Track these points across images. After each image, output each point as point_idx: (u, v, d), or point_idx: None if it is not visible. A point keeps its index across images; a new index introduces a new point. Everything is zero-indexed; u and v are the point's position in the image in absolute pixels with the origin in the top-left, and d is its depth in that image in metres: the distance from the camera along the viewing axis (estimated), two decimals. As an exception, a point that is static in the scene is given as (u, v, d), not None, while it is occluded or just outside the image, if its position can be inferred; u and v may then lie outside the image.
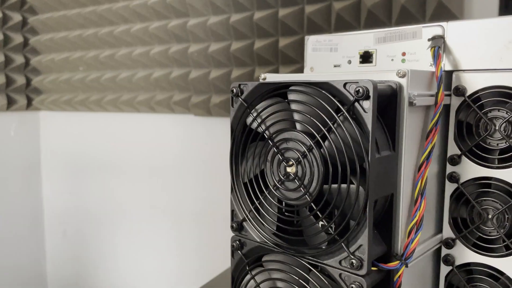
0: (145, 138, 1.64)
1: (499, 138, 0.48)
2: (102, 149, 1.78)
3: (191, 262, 1.62)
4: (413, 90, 0.44)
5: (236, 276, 0.54)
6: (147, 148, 1.64)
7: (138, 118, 1.62)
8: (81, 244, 1.93)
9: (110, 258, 1.85)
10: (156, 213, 1.67)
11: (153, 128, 1.60)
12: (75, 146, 1.86)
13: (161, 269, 1.71)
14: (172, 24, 1.36)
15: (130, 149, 1.69)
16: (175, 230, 1.64)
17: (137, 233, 1.75)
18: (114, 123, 1.70)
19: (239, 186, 0.52)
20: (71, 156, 1.88)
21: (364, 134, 0.40)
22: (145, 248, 1.74)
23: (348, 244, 0.42)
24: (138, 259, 1.77)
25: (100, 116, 1.73)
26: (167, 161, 1.59)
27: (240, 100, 0.50)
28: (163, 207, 1.64)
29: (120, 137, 1.71)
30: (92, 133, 1.79)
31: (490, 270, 0.50)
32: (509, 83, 0.47)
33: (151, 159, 1.63)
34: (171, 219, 1.63)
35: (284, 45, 1.14)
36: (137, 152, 1.67)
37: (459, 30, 0.49)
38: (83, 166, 1.85)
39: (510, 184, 0.47)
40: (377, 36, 0.55)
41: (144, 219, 1.71)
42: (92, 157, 1.81)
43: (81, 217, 1.89)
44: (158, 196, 1.65)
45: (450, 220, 0.52)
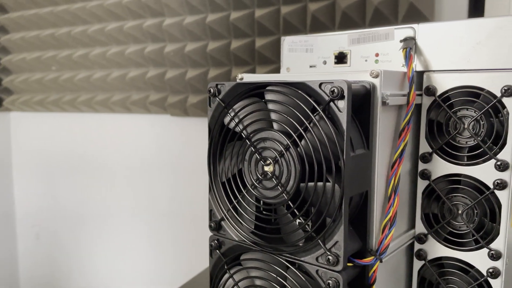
0: (120, 139, 1.62)
1: (468, 136, 0.50)
2: (76, 150, 1.74)
3: (169, 262, 1.61)
4: (386, 90, 0.45)
5: (214, 275, 0.55)
6: (123, 149, 1.62)
7: (114, 118, 1.60)
8: (55, 245, 1.89)
9: (86, 259, 1.81)
10: (132, 214, 1.65)
11: (129, 128, 1.58)
12: (48, 147, 1.82)
13: (139, 270, 1.69)
14: (147, 23, 1.35)
15: (105, 150, 1.67)
16: (152, 231, 1.62)
17: (113, 234, 1.72)
18: (89, 123, 1.67)
19: (217, 186, 0.52)
20: (44, 157, 1.84)
21: (339, 133, 0.41)
22: (121, 249, 1.72)
23: (324, 241, 0.43)
24: (114, 260, 1.74)
25: (74, 117, 1.70)
26: (144, 162, 1.58)
27: (217, 100, 0.50)
28: (139, 208, 1.63)
29: (95, 138, 1.68)
30: (66, 134, 1.76)
31: (460, 264, 0.52)
32: (476, 83, 0.48)
33: (127, 159, 1.62)
34: (148, 219, 1.62)
35: (261, 46, 1.15)
36: (112, 153, 1.65)
37: (429, 32, 0.51)
38: (56, 167, 1.81)
39: (478, 181, 0.49)
40: (351, 37, 0.56)
41: (120, 220, 1.69)
42: (66, 158, 1.78)
43: (55, 218, 1.85)
44: (134, 197, 1.63)
45: (422, 216, 0.53)
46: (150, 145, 1.55)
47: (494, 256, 0.49)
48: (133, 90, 1.48)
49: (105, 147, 1.67)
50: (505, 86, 0.47)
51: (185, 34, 1.29)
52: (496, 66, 0.48)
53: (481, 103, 0.48)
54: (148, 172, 1.57)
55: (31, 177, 1.90)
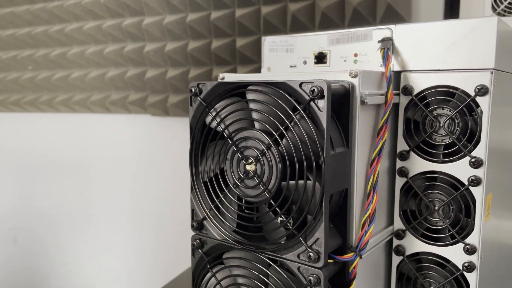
0: (100, 139, 1.60)
1: (443, 135, 0.51)
2: (54, 151, 1.71)
3: (151, 263, 1.60)
4: (365, 89, 0.46)
5: (197, 274, 0.55)
6: (103, 149, 1.60)
7: (92, 118, 1.58)
8: (33, 249, 1.85)
9: (66, 262, 1.79)
10: (113, 215, 1.64)
11: (108, 128, 1.56)
12: (24, 148, 1.78)
13: (120, 271, 1.68)
14: (126, 22, 1.33)
15: (84, 150, 1.64)
16: (134, 232, 1.61)
17: (93, 235, 1.70)
18: (67, 124, 1.65)
19: (199, 185, 0.52)
20: (21, 158, 1.80)
21: (319, 132, 0.42)
22: (102, 250, 1.70)
23: (305, 238, 0.44)
24: (95, 261, 1.72)
25: (51, 117, 1.67)
26: (124, 162, 1.56)
27: (199, 99, 0.51)
28: (120, 209, 1.61)
29: (73, 139, 1.66)
30: (43, 135, 1.72)
31: (437, 259, 0.53)
32: (451, 82, 0.50)
33: (107, 160, 1.60)
34: (129, 220, 1.60)
35: (241, 45, 1.15)
36: (92, 154, 1.63)
37: (406, 33, 0.52)
38: (34, 168, 1.78)
39: (454, 177, 0.51)
40: (331, 37, 0.57)
41: (101, 221, 1.67)
42: (44, 159, 1.74)
43: (33, 220, 1.81)
44: (114, 198, 1.62)
45: (400, 212, 0.55)
46: (130, 145, 1.53)
47: (469, 251, 0.50)
48: (112, 89, 1.46)
49: (84, 147, 1.65)
50: (479, 86, 0.48)
51: (165, 33, 1.28)
52: (470, 66, 0.49)
53: (456, 102, 0.50)
54: (129, 173, 1.56)
55: (6, 179, 1.85)
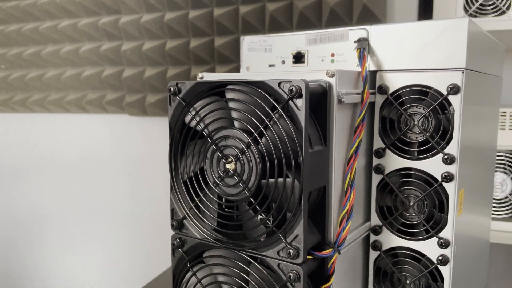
0: (76, 140, 1.57)
1: (417, 132, 0.53)
2: (29, 151, 1.68)
3: (130, 264, 1.58)
4: (342, 88, 0.47)
5: (177, 274, 0.55)
6: (79, 150, 1.58)
7: (68, 118, 1.55)
8: (6, 251, 1.80)
9: (41, 262, 1.75)
10: (90, 217, 1.61)
11: (84, 129, 1.54)
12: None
13: (98, 273, 1.65)
14: (103, 21, 1.32)
15: (60, 151, 1.61)
16: (112, 233, 1.59)
17: (69, 236, 1.67)
18: (42, 124, 1.61)
19: (178, 185, 0.52)
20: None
21: (298, 131, 0.43)
22: (79, 251, 1.67)
23: (285, 235, 0.45)
24: (72, 262, 1.69)
25: (25, 117, 1.63)
26: (101, 163, 1.54)
27: (178, 99, 0.51)
28: (97, 210, 1.59)
29: (49, 139, 1.62)
30: (16, 136, 1.68)
31: (412, 253, 0.55)
32: (425, 82, 0.51)
33: (84, 160, 1.57)
34: (107, 221, 1.59)
35: (220, 45, 1.16)
36: (68, 154, 1.60)
37: (381, 33, 0.54)
38: (7, 169, 1.73)
39: (427, 174, 0.52)
40: (308, 37, 0.58)
41: (77, 222, 1.64)
42: (17, 160, 1.70)
43: (6, 222, 1.77)
44: (92, 199, 1.59)
45: (377, 208, 0.56)
46: (107, 145, 1.51)
47: (443, 245, 0.52)
48: (88, 89, 1.44)
49: (59, 148, 1.62)
50: (451, 85, 0.50)
51: (143, 32, 1.27)
52: (442, 66, 0.51)
53: (429, 100, 0.51)
54: (106, 173, 1.54)
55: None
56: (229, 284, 0.50)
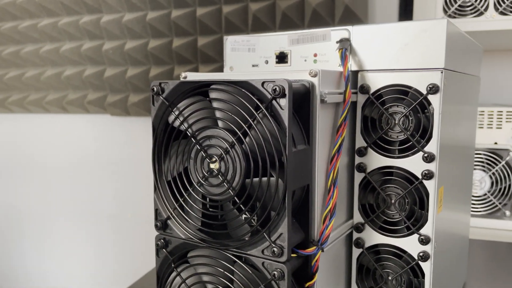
0: (57, 140, 1.55)
1: (398, 131, 0.54)
2: (9, 152, 1.64)
3: (113, 265, 1.57)
4: (324, 88, 0.48)
5: (161, 274, 0.55)
6: (60, 151, 1.55)
7: (49, 119, 1.52)
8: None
9: (24, 263, 1.72)
10: (73, 218, 1.59)
11: (66, 129, 1.51)
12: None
13: (82, 274, 1.63)
14: (84, 20, 1.30)
15: (40, 152, 1.59)
16: (95, 234, 1.57)
17: (52, 237, 1.65)
18: (21, 125, 1.58)
19: (162, 185, 0.52)
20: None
21: (281, 130, 0.43)
22: (62, 252, 1.65)
23: (269, 234, 0.45)
24: (55, 263, 1.67)
25: (4, 118, 1.60)
26: (83, 163, 1.52)
27: (161, 98, 0.50)
28: (81, 211, 1.57)
29: (29, 140, 1.60)
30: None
31: (394, 250, 0.56)
32: (405, 81, 0.52)
33: (65, 161, 1.55)
34: (90, 221, 1.57)
35: (203, 44, 1.15)
36: (49, 155, 1.58)
37: (363, 34, 0.54)
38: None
39: (408, 172, 0.53)
40: (291, 38, 0.58)
41: (60, 223, 1.62)
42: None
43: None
44: (74, 199, 1.57)
45: (359, 206, 0.57)
46: (89, 146, 1.49)
47: (424, 241, 0.53)
48: (69, 89, 1.42)
49: (40, 149, 1.59)
50: (430, 84, 0.51)
51: (125, 31, 1.26)
52: (422, 66, 0.52)
53: (409, 100, 0.52)
54: (89, 174, 1.52)
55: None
56: (214, 284, 0.50)
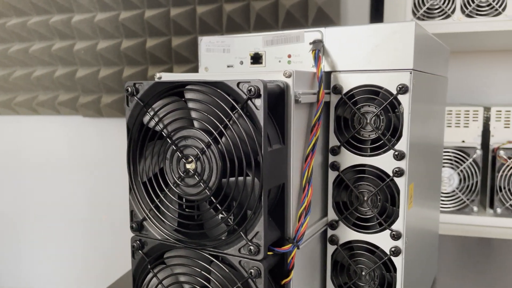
0: (27, 143, 1.51)
1: (370, 130, 0.55)
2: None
3: (88, 268, 1.54)
4: (298, 89, 0.48)
5: (137, 276, 0.54)
6: (30, 153, 1.51)
7: (18, 120, 1.48)
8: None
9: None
10: (45, 221, 1.55)
11: (36, 131, 1.48)
12: None
13: (56, 277, 1.59)
14: (54, 19, 1.27)
15: (10, 155, 1.54)
16: (68, 237, 1.54)
17: (25, 242, 1.60)
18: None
19: (137, 186, 0.52)
20: None
21: (257, 130, 0.44)
22: (35, 256, 1.60)
23: (246, 232, 0.46)
24: (27, 268, 1.62)
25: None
26: (54, 166, 1.49)
27: (135, 99, 0.50)
28: (53, 214, 1.53)
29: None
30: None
31: (367, 246, 0.57)
32: (376, 82, 0.54)
33: (36, 164, 1.51)
34: (63, 225, 1.53)
35: (177, 45, 1.15)
36: (18, 158, 1.53)
37: (335, 35, 0.56)
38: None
39: (380, 169, 0.55)
40: (266, 39, 0.59)
41: (30, 227, 1.58)
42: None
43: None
44: (47, 203, 1.54)
45: (333, 204, 0.58)
46: (61, 148, 1.46)
47: (395, 236, 0.55)
48: (39, 90, 1.39)
49: (10, 152, 1.54)
50: (400, 85, 0.53)
51: (97, 31, 1.24)
52: (392, 67, 0.53)
53: (380, 100, 0.54)
54: (61, 177, 1.49)
55: None
56: (191, 284, 0.50)
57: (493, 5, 1.13)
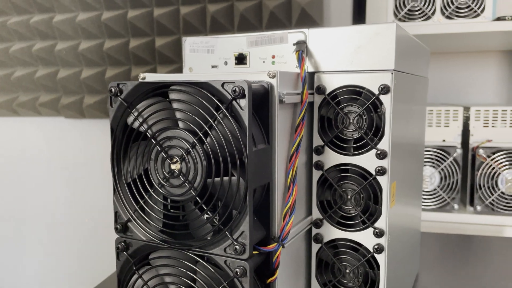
0: (7, 144, 1.48)
1: (353, 130, 0.56)
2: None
3: (72, 271, 1.52)
4: (282, 89, 0.49)
5: (122, 278, 0.54)
6: (10, 155, 1.48)
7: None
8: None
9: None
10: (27, 224, 1.53)
11: (16, 133, 1.45)
12: None
13: (35, 283, 1.57)
14: (35, 19, 1.25)
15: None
16: (51, 240, 1.52)
17: (6, 245, 1.57)
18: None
19: (122, 187, 0.52)
20: None
21: (242, 130, 0.44)
22: (17, 260, 1.57)
23: (231, 232, 0.46)
24: (9, 271, 1.59)
25: None
26: (35, 168, 1.46)
27: (119, 100, 0.50)
28: (35, 217, 1.51)
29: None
30: None
31: (351, 243, 0.58)
32: (359, 82, 0.55)
33: (16, 166, 1.48)
34: (45, 228, 1.51)
35: (161, 45, 1.14)
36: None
37: (318, 36, 0.56)
38: None
39: (363, 168, 0.56)
40: (250, 39, 0.60)
41: (11, 231, 1.55)
42: None
43: None
44: (29, 206, 1.51)
45: (318, 203, 0.59)
46: (42, 150, 1.44)
47: (378, 234, 0.56)
48: (20, 91, 1.36)
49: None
50: (382, 85, 0.53)
51: (79, 31, 1.22)
52: (374, 67, 0.54)
53: (362, 100, 0.55)
54: (43, 179, 1.46)
55: None
56: (177, 284, 0.50)
57: (472, 7, 1.16)
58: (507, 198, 1.21)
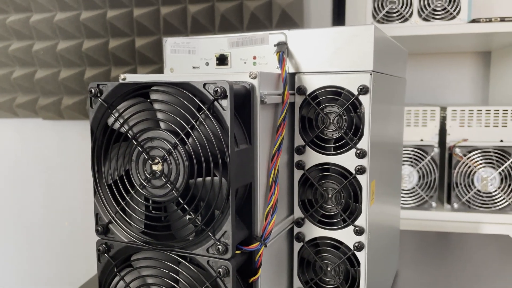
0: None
1: (333, 130, 0.57)
2: None
3: (51, 274, 1.49)
4: (264, 90, 0.49)
5: (103, 280, 0.53)
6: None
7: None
8: None
9: None
10: (2, 228, 1.49)
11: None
12: None
13: (16, 285, 1.53)
14: (11, 19, 1.23)
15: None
16: (28, 244, 1.49)
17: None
18: None
19: (102, 189, 0.51)
20: None
21: (224, 130, 0.44)
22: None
23: (214, 232, 0.46)
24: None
25: None
26: (11, 171, 1.43)
27: (99, 100, 0.50)
28: (11, 220, 1.47)
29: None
30: None
31: (332, 242, 0.59)
32: (338, 83, 0.56)
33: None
34: (23, 232, 1.48)
35: (141, 46, 1.14)
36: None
37: (299, 38, 0.57)
38: None
39: (343, 168, 0.57)
40: (231, 40, 0.60)
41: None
42: None
43: None
44: (5, 210, 1.48)
45: (299, 202, 0.59)
46: (18, 152, 1.41)
47: (358, 232, 0.57)
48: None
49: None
50: (361, 86, 0.54)
51: (57, 31, 1.20)
52: (353, 68, 0.55)
53: (342, 100, 0.56)
54: (20, 182, 1.43)
55: None
56: (159, 285, 0.50)
57: (448, 9, 1.19)
58: (483, 196, 1.24)
